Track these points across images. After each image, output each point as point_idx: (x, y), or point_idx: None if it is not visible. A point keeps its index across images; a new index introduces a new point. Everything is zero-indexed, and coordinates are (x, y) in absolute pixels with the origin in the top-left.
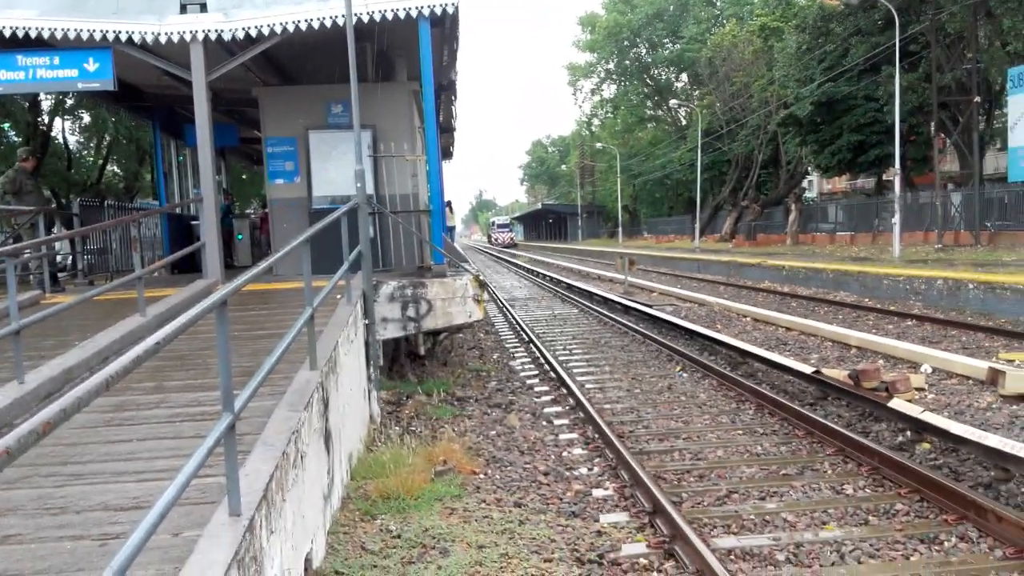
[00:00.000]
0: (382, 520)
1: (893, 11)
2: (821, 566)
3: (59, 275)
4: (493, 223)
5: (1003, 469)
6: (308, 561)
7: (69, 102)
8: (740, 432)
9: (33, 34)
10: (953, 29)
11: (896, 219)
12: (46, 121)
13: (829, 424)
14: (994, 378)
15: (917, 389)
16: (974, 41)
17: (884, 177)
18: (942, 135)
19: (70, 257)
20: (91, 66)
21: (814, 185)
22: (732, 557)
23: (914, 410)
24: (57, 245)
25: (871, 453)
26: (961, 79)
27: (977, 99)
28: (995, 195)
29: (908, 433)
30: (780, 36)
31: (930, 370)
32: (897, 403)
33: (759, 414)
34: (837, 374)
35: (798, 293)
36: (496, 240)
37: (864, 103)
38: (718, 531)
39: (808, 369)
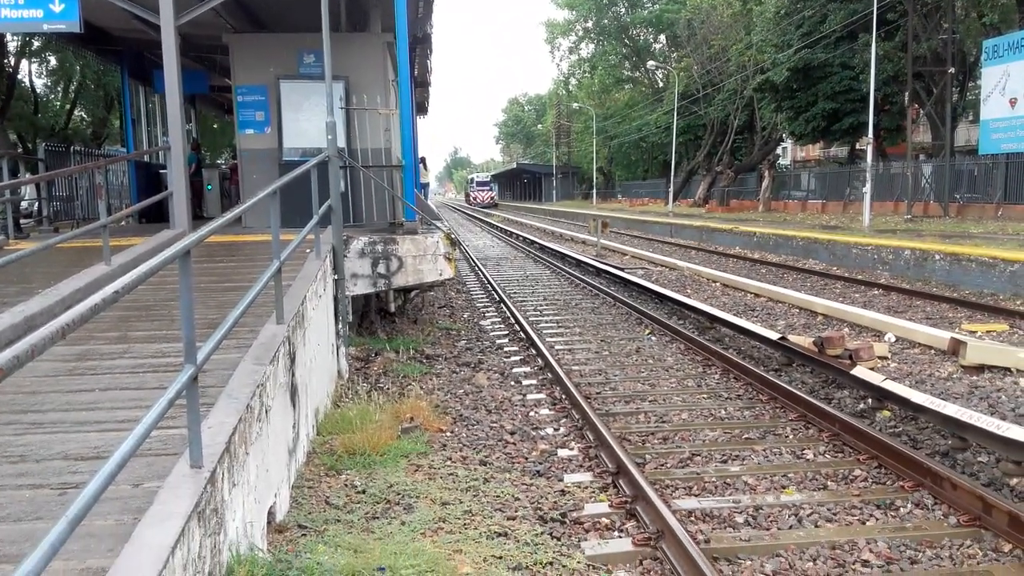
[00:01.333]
0: (347, 475)
1: None
2: (779, 529)
3: (23, 221)
4: (472, 180)
5: (960, 438)
6: (271, 514)
7: (36, 44)
8: (705, 396)
9: None
10: None
11: (867, 188)
12: (12, 63)
13: (792, 390)
14: (956, 348)
15: (880, 357)
16: (951, 12)
17: (857, 146)
18: (916, 105)
19: (35, 203)
20: (57, 6)
21: (788, 152)
22: (692, 518)
23: (876, 378)
24: (22, 191)
25: (832, 419)
26: (937, 49)
27: (951, 70)
28: (965, 167)
29: (869, 400)
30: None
31: (894, 339)
32: (860, 371)
33: (724, 379)
34: (802, 341)
35: (768, 260)
36: (475, 199)
37: (840, 71)
38: (680, 493)
39: (774, 335)
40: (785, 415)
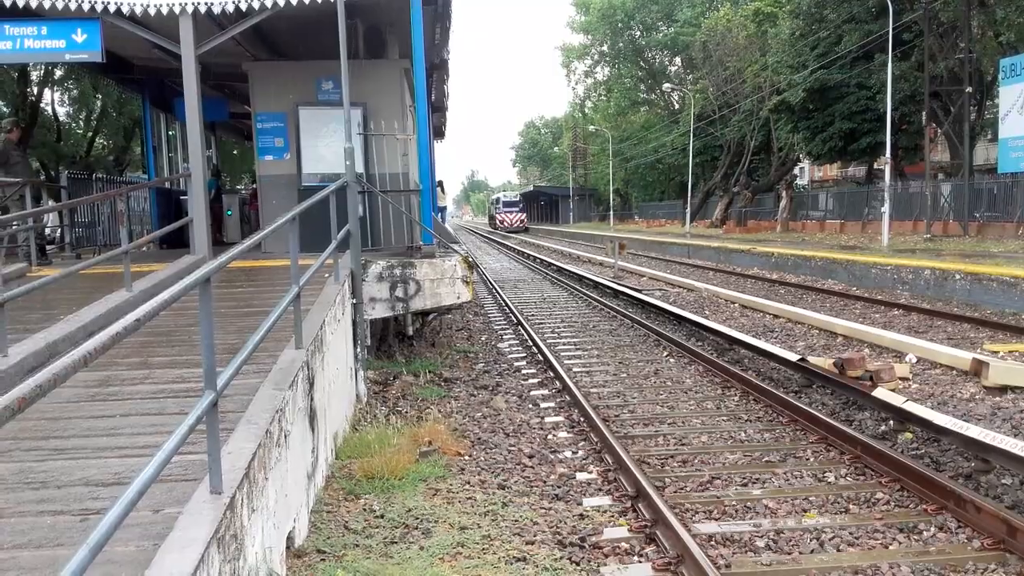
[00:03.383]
0: (366, 500)
1: None
2: (801, 553)
3: (47, 248)
4: (498, 200)
5: (984, 460)
6: (290, 539)
7: (59, 73)
8: (724, 418)
9: (21, 3)
10: (946, 18)
11: (886, 208)
12: (35, 92)
13: (813, 412)
14: (978, 369)
15: (901, 379)
16: (967, 31)
17: (875, 166)
18: (933, 125)
19: (58, 230)
20: (79, 37)
21: (805, 172)
22: (713, 543)
23: (897, 399)
24: (45, 218)
25: (854, 442)
26: (953, 69)
27: (969, 89)
28: (984, 186)
29: (891, 422)
30: (774, 21)
31: (915, 360)
32: (881, 392)
33: (744, 400)
34: (822, 362)
35: (786, 280)
36: (502, 223)
37: (856, 91)
38: (699, 516)
39: (794, 357)
40: (806, 437)
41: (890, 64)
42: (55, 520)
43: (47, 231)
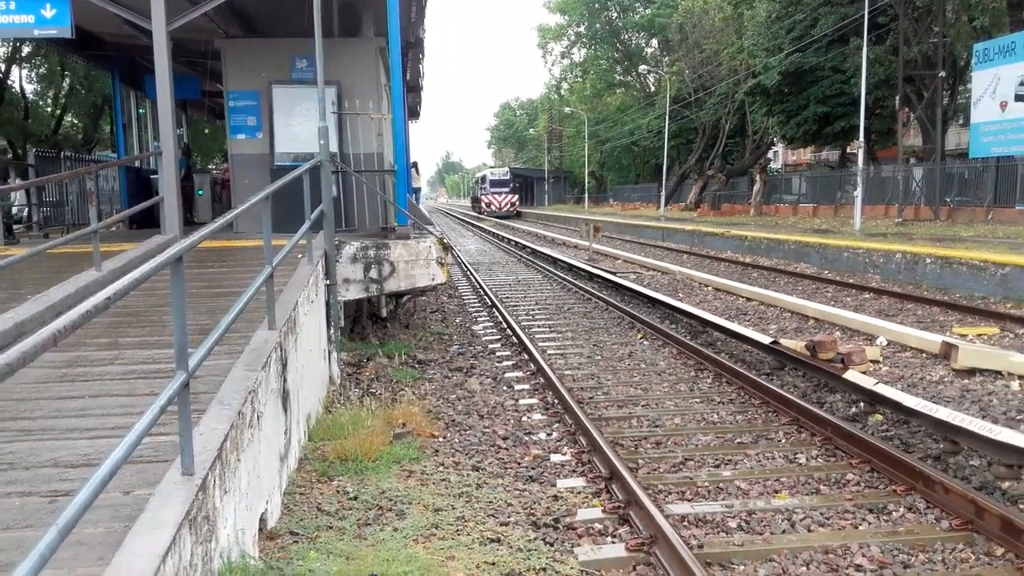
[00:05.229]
0: (339, 481)
1: None
2: (772, 533)
3: (14, 227)
4: (483, 179)
5: (952, 442)
6: (263, 521)
7: (26, 50)
8: (698, 400)
9: None
10: (921, 3)
11: (858, 192)
12: (2, 69)
13: (785, 394)
14: (947, 352)
15: (872, 361)
16: (941, 15)
17: (848, 150)
18: (906, 109)
19: (25, 209)
20: (48, 12)
21: (779, 156)
22: (685, 523)
23: (868, 382)
24: (12, 196)
25: (825, 423)
26: (927, 53)
27: (942, 74)
28: (956, 171)
29: (861, 404)
30: (750, 4)
31: (885, 343)
32: (852, 375)
33: (717, 383)
34: (794, 345)
35: (759, 264)
36: (488, 206)
37: (831, 74)
38: (672, 497)
39: (766, 339)
40: (777, 419)
41: (865, 48)
42: (23, 502)
43: (14, 210)
